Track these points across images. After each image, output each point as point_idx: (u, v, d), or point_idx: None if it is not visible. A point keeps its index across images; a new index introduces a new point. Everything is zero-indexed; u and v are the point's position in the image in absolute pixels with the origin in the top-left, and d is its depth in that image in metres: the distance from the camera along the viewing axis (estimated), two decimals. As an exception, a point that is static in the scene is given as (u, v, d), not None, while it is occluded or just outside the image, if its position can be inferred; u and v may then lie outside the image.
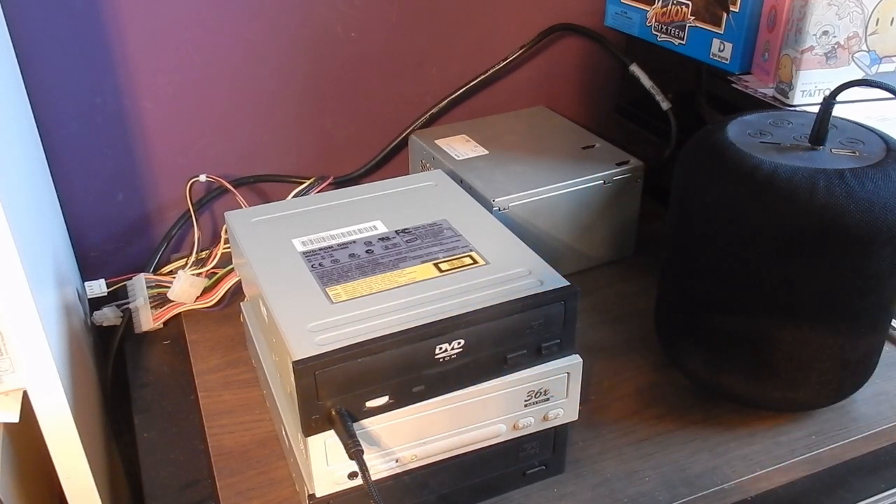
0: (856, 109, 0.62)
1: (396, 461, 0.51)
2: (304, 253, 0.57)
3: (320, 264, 0.55)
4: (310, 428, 0.47)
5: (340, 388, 0.47)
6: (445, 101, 0.91)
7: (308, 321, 0.49)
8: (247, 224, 0.61)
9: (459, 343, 0.49)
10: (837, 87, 0.54)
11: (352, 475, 0.50)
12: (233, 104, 0.83)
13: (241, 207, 0.73)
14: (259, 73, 0.83)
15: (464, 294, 0.51)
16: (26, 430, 0.55)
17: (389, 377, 0.48)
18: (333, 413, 0.47)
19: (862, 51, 0.67)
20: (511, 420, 0.53)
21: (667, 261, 0.63)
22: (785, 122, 0.60)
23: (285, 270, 0.55)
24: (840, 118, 0.60)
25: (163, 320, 0.75)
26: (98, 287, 0.77)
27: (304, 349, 0.46)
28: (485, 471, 0.55)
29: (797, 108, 0.67)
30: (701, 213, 0.57)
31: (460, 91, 0.92)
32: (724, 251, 0.56)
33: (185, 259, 0.80)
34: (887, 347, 0.66)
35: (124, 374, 0.73)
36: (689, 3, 0.75)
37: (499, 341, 0.50)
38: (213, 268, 0.77)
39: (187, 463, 0.62)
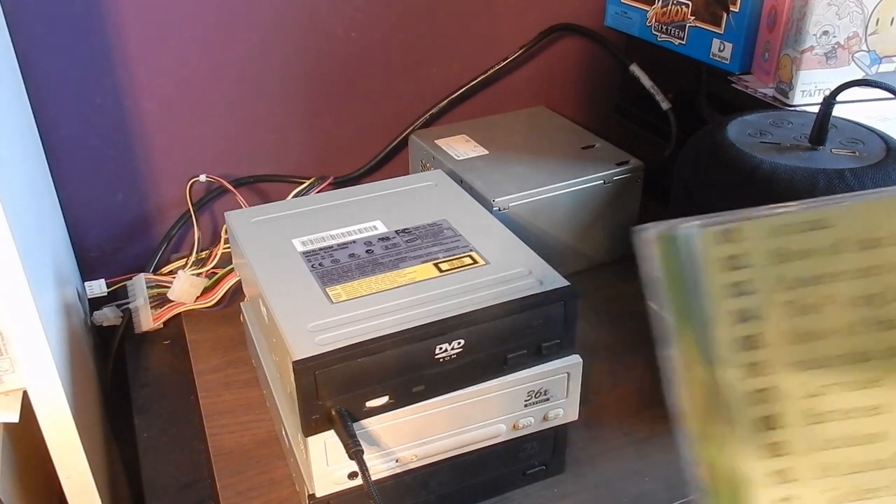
0: (856, 109, 0.62)
1: (396, 461, 0.51)
2: (304, 253, 0.57)
3: (320, 264, 0.55)
4: (310, 428, 0.47)
5: (340, 388, 0.47)
6: (445, 101, 0.91)
7: (308, 321, 0.49)
8: (247, 224, 0.61)
9: (459, 343, 0.49)
10: (837, 87, 0.54)
11: (352, 475, 0.50)
12: (233, 104, 0.83)
13: (241, 207, 0.73)
14: (259, 73, 0.83)
15: (464, 294, 0.51)
16: (26, 430, 0.55)
17: (389, 377, 0.48)
18: (333, 413, 0.47)
19: (862, 51, 0.67)
20: (511, 420, 0.53)
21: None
22: (785, 122, 0.60)
23: (285, 270, 0.55)
24: (840, 118, 0.60)
25: (163, 320, 0.75)
26: (98, 287, 0.77)
27: (304, 349, 0.46)
28: (485, 471, 0.55)
29: (797, 108, 0.67)
30: (701, 212, 0.57)
31: (460, 91, 0.91)
32: (724, 251, 0.56)
33: (185, 259, 0.80)
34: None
35: (124, 374, 0.73)
36: (689, 3, 0.75)
37: (499, 341, 0.50)
38: (213, 268, 0.77)
39: (187, 463, 0.62)
